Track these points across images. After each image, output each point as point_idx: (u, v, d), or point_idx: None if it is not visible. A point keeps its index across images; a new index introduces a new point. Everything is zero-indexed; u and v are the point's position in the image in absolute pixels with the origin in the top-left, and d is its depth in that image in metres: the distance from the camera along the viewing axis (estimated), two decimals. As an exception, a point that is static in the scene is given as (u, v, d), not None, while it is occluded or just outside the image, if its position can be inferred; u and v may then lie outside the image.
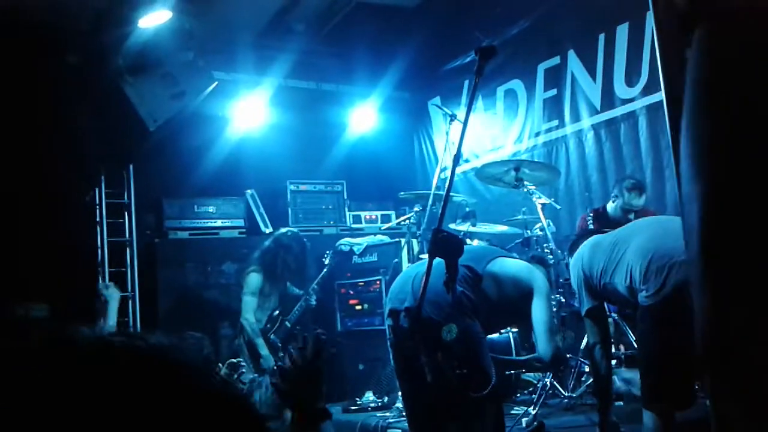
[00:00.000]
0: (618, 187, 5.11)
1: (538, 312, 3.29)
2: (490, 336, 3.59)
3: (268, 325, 5.47)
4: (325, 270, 5.81)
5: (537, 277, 3.33)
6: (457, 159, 2.75)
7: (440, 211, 2.67)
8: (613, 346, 4.20)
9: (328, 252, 5.95)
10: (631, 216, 4.96)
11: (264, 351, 5.29)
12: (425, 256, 4.75)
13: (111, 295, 4.59)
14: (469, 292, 3.16)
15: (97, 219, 6.12)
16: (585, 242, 3.47)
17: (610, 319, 4.13)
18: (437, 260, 2.45)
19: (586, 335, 4.06)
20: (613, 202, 5.13)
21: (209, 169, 6.54)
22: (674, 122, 2.06)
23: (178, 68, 5.42)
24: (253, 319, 5.39)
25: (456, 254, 2.41)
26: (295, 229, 5.94)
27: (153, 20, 5.08)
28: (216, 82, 5.67)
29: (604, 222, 5.08)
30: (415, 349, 2.79)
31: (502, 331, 4.62)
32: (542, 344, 3.29)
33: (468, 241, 4.86)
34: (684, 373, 2.90)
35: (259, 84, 6.99)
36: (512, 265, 3.40)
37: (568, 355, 4.50)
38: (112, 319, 4.51)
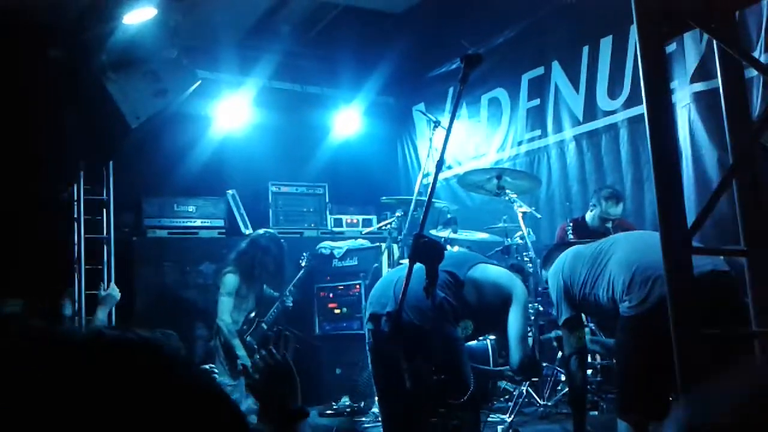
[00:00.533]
0: (596, 197, 5.18)
1: (513, 320, 3.32)
2: (468, 343, 3.61)
3: (245, 327, 5.43)
4: (301, 272, 5.78)
5: (517, 285, 3.36)
6: (440, 165, 2.75)
7: (422, 217, 2.68)
8: (588, 356, 4.24)
9: (304, 254, 5.92)
10: (609, 225, 5.02)
11: (241, 352, 5.25)
12: (406, 261, 4.77)
13: (107, 296, 4.51)
14: (451, 298, 3.17)
15: (75, 215, 6.04)
16: (565, 252, 3.50)
17: (586, 329, 4.16)
18: (418, 265, 2.46)
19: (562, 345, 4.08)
20: (591, 211, 5.19)
21: (190, 168, 6.50)
22: (655, 136, 2.09)
23: (161, 66, 5.37)
24: (229, 320, 5.35)
25: (436, 260, 2.41)
26: (272, 230, 5.90)
27: (137, 17, 5.04)
28: (199, 81, 5.63)
29: (583, 231, 5.14)
30: (394, 354, 2.79)
31: (480, 338, 4.64)
32: (512, 351, 3.33)
33: (448, 247, 4.88)
34: (662, 385, 2.93)
35: (242, 84, 6.96)
36: (493, 272, 3.43)
37: (543, 364, 4.53)
38: (100, 319, 4.45)
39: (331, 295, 6.02)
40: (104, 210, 6.15)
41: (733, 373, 0.59)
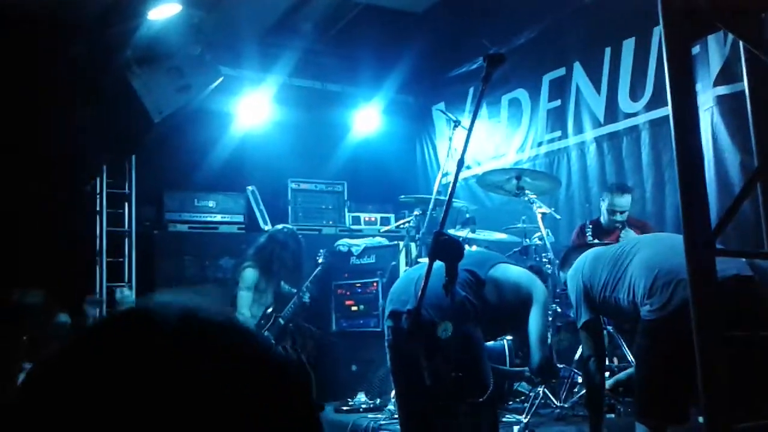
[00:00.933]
0: (604, 192, 5.19)
1: (533, 322, 3.30)
2: (486, 343, 3.60)
3: (262, 321, 5.46)
4: (318, 268, 5.80)
5: (537, 286, 3.34)
6: (460, 164, 2.74)
7: (442, 215, 2.67)
8: (606, 359, 4.21)
9: (321, 251, 5.94)
10: (618, 217, 4.99)
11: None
12: (424, 259, 4.76)
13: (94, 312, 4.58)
14: (472, 297, 3.16)
15: (97, 209, 6.11)
16: (585, 254, 3.47)
17: (605, 332, 4.13)
18: (438, 263, 2.45)
19: (580, 346, 4.06)
20: (601, 207, 5.18)
21: (211, 164, 6.55)
22: (679, 136, 2.07)
23: (185, 61, 5.42)
24: (248, 314, 5.39)
25: (456, 258, 2.41)
26: (290, 225, 5.92)
27: (162, 13, 5.09)
28: (222, 77, 5.68)
29: (599, 231, 5.11)
30: (414, 351, 2.79)
31: (498, 338, 4.63)
32: (532, 353, 3.32)
33: (467, 246, 4.86)
34: (682, 389, 2.91)
35: (263, 81, 6.99)
36: (514, 272, 3.41)
37: (560, 365, 4.51)
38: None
39: (348, 292, 6.03)
40: (126, 203, 6.23)
41: None
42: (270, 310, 5.53)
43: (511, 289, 3.32)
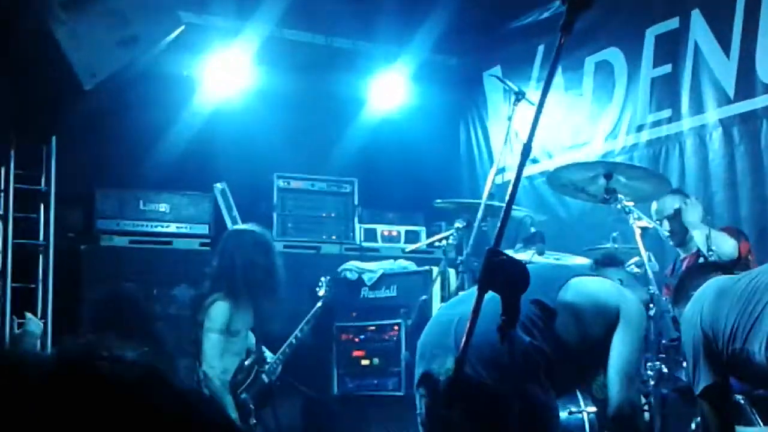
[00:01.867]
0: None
1: (617, 347, 3.28)
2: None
3: (239, 377, 5.45)
4: (318, 304, 5.79)
5: (628, 300, 3.34)
6: (526, 154, 2.73)
7: (497, 229, 2.66)
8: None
9: (323, 278, 5.93)
10: (662, 226, 5.17)
11: (233, 414, 5.28)
12: (470, 290, 4.74)
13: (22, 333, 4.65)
14: (539, 341, 3.14)
15: (0, 212, 6.17)
16: (705, 286, 3.46)
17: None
18: (489, 295, 2.43)
19: (696, 419, 4.03)
20: None
21: (165, 151, 6.60)
22: None
23: (130, 4, 5.48)
24: (219, 367, 5.36)
25: (519, 287, 2.38)
26: (244, 226, 5.92)
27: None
28: (183, 26, 5.72)
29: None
30: (453, 426, 2.78)
31: (574, 409, 4.60)
32: (611, 390, 3.30)
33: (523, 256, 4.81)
34: None
35: (241, 32, 7.04)
36: (593, 285, 3.41)
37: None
38: None
39: (357, 338, 6.06)
40: (41, 205, 6.27)
41: None
42: (248, 361, 5.51)
43: (593, 310, 3.31)
